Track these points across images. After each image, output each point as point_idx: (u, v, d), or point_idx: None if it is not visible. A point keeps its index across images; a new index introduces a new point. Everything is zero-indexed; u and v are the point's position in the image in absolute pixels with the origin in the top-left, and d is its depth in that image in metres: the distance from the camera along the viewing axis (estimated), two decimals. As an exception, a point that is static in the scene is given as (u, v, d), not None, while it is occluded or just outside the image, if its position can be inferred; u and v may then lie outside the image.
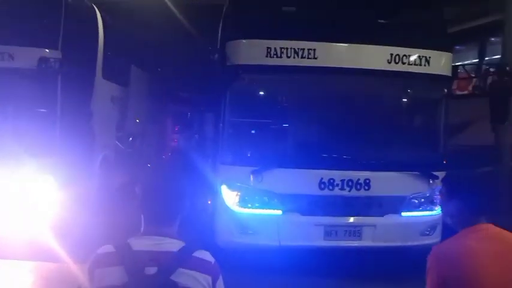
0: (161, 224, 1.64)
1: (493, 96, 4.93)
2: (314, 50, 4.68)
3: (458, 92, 8.06)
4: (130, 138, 8.65)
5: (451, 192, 2.11)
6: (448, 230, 2.19)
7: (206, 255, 1.63)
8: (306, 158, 4.83)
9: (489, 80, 6.33)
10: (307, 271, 4.64)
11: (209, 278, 1.59)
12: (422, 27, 5.02)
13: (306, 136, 5.00)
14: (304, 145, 4.98)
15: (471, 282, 1.86)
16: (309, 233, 4.74)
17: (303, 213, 4.77)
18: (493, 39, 6.30)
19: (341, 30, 4.87)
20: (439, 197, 4.98)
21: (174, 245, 1.62)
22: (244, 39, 4.78)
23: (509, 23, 5.19)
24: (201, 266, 1.59)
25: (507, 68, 4.86)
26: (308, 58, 4.67)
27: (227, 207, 4.84)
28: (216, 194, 5.05)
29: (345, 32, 4.86)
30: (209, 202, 5.62)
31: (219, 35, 5.48)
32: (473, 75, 7.21)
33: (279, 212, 4.75)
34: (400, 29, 5.06)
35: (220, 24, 5.59)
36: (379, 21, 5.13)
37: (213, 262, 1.63)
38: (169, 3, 8.10)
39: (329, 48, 4.79)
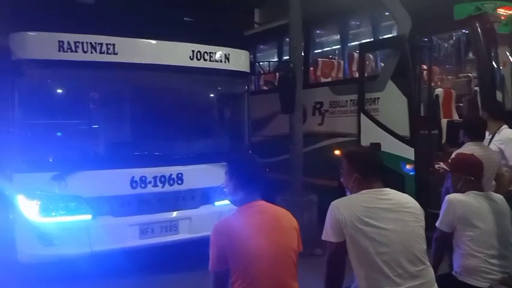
0: None
1: (281, 90, 5.58)
2: (113, 44, 4.52)
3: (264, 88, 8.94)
4: None
5: (231, 174, 2.32)
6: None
7: None
8: (113, 157, 4.65)
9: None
10: (124, 273, 4.53)
11: None
12: (222, 27, 5.33)
13: (112, 135, 4.81)
14: (111, 145, 4.79)
15: (241, 251, 2.14)
16: (123, 234, 4.60)
17: (116, 215, 4.60)
18: (287, 39, 7.10)
19: (143, 26, 4.82)
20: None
21: None
22: (32, 31, 4.31)
23: (292, 25, 5.92)
24: None
25: (291, 65, 5.54)
26: (108, 54, 4.49)
27: (26, 219, 4.34)
28: (13, 206, 4.50)
29: (147, 28, 4.82)
30: (11, 216, 4.97)
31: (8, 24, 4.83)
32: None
33: (89, 216, 4.48)
34: (201, 28, 5.26)
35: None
36: (182, 18, 5.25)
37: None
38: None
39: (130, 43, 4.67)
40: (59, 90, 4.71)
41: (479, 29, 5.39)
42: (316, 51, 8.38)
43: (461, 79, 6.98)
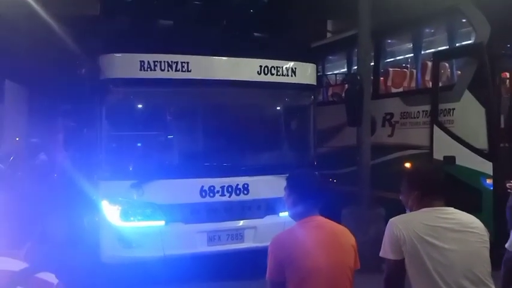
0: (9, 246, 1.69)
1: (348, 102, 5.55)
2: (187, 63, 4.86)
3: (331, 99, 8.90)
4: (12, 158, 8.07)
5: (290, 189, 2.39)
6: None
7: (50, 277, 1.70)
8: (185, 168, 4.97)
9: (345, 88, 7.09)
10: (193, 277, 4.79)
11: None
12: (288, 42, 5.48)
13: (184, 147, 5.14)
14: (183, 155, 5.12)
15: (298, 264, 2.18)
16: (192, 240, 4.89)
17: (186, 222, 4.90)
18: (356, 50, 7.04)
19: (214, 44, 5.13)
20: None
21: (15, 265, 1.66)
22: (117, 53, 4.79)
23: (361, 37, 5.88)
24: (41, 286, 1.64)
25: (358, 77, 5.50)
26: (182, 71, 4.84)
27: (109, 223, 4.79)
28: (98, 210, 4.98)
29: (218, 46, 5.13)
30: (96, 219, 5.51)
31: (91, 47, 5.40)
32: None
33: (162, 222, 4.83)
34: (268, 43, 5.46)
35: (92, 37, 5.52)
36: (251, 34, 5.48)
37: (55, 283, 1.69)
38: (42, 14, 7.72)
39: (202, 61, 4.99)
40: (139, 106, 5.16)
41: None
42: (387, 60, 8.18)
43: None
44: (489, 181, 5.59)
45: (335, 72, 9.49)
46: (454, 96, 6.06)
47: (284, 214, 5.23)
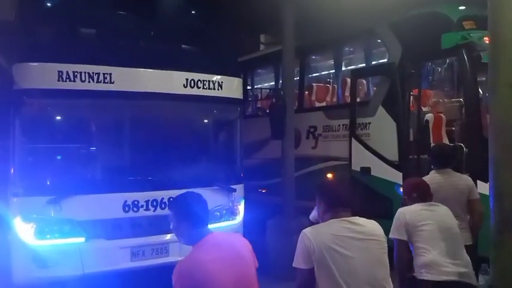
0: None
1: (272, 116, 5.75)
2: (110, 74, 4.75)
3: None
4: None
5: (177, 215, 2.37)
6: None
7: None
8: (107, 182, 4.83)
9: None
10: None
11: None
12: (215, 55, 5.55)
13: (106, 161, 4.99)
14: (105, 170, 4.97)
15: None
16: (114, 256, 4.74)
17: (108, 238, 4.75)
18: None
19: (138, 56, 5.06)
20: (238, 207, 5.57)
21: None
22: (33, 62, 4.56)
23: (285, 53, 6.13)
24: None
25: (281, 93, 5.73)
26: (104, 82, 4.72)
27: (22, 242, 4.51)
28: (10, 229, 4.67)
29: (143, 58, 5.06)
30: (9, 238, 5.14)
31: (4, 55, 5.09)
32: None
33: (82, 239, 4.63)
34: (195, 56, 5.50)
35: (5, 44, 5.21)
36: (176, 48, 5.49)
37: None
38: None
39: (126, 73, 4.89)
40: (57, 118, 4.93)
41: (465, 57, 5.56)
42: (311, 75, 8.59)
43: (452, 104, 7.11)
44: (401, 190, 6.05)
45: (264, 85, 9.77)
46: (370, 111, 6.51)
47: (211, 226, 5.27)
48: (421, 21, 6.21)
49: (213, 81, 5.37)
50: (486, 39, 5.72)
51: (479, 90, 5.75)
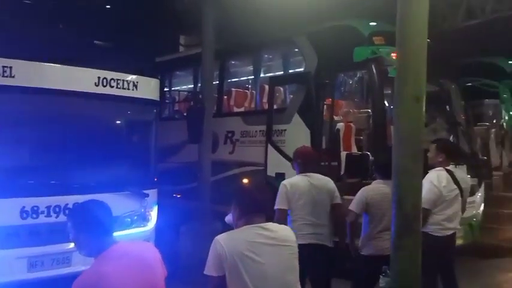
0: None
1: (189, 119, 5.65)
2: (10, 67, 4.31)
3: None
4: None
5: (76, 223, 2.23)
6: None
7: None
8: (2, 186, 4.37)
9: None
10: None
11: None
12: (131, 54, 5.30)
13: (1, 162, 4.52)
14: (0, 172, 4.50)
15: None
16: (9, 267, 4.29)
17: (2, 247, 4.29)
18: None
19: (44, 49, 4.66)
20: (151, 213, 5.38)
21: None
22: None
23: (204, 56, 6.07)
24: None
25: (199, 96, 5.66)
26: (3, 76, 4.27)
27: None
28: None
29: (49, 51, 4.67)
30: None
31: None
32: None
33: (-29, 249, 4.14)
34: (109, 53, 5.20)
35: None
36: (89, 43, 5.15)
37: None
38: None
39: (30, 67, 4.48)
40: None
41: (374, 71, 5.93)
42: (231, 80, 8.61)
43: (361, 114, 7.56)
44: None
45: (183, 87, 9.60)
46: (286, 118, 6.68)
47: (120, 233, 5.01)
48: (336, 33, 6.52)
49: (127, 80, 5.12)
50: (394, 55, 6.22)
51: (386, 102, 6.17)
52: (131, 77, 5.16)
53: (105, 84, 4.94)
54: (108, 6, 5.81)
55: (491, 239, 7.01)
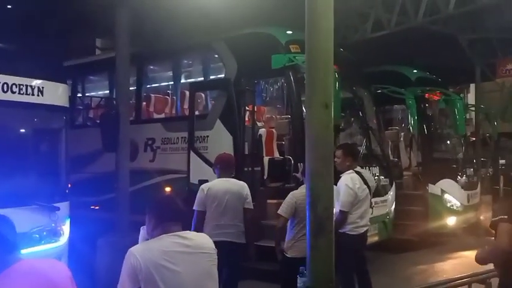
0: None
1: (103, 126, 5.36)
2: None
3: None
4: None
5: None
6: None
7: None
8: None
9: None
10: None
11: None
12: (36, 57, 4.93)
13: None
14: None
15: None
16: None
17: None
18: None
19: None
20: (62, 227, 4.99)
21: None
22: None
23: (119, 60, 5.81)
24: None
25: (114, 102, 5.40)
26: None
27: None
28: None
29: None
30: None
31: None
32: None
33: None
34: (10, 56, 4.78)
35: None
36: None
37: None
38: None
39: None
40: None
41: (291, 78, 6.08)
42: (150, 86, 8.34)
43: (282, 120, 7.73)
44: None
45: (99, 93, 9.12)
46: (208, 124, 6.61)
47: (27, 251, 4.60)
48: (254, 40, 6.60)
49: (31, 86, 4.71)
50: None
51: (303, 108, 6.35)
52: (36, 82, 4.76)
53: (6, 89, 4.51)
54: (10, 6, 5.37)
55: (402, 235, 7.48)
